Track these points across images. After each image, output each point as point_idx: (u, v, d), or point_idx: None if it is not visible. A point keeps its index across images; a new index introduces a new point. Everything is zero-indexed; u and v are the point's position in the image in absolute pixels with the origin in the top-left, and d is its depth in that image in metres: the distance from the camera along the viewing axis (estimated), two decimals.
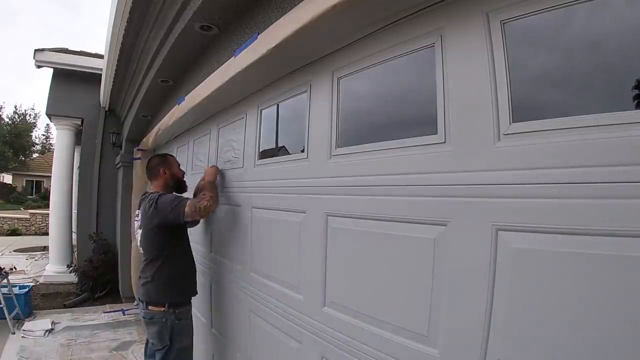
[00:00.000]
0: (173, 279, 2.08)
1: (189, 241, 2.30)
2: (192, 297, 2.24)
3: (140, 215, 2.14)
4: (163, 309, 2.02)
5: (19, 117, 29.27)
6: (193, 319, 2.29)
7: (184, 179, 2.39)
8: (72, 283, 5.48)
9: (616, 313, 0.71)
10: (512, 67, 0.92)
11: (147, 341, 2.32)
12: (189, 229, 2.34)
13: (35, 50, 5.31)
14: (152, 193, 2.14)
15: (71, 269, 5.44)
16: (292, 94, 1.80)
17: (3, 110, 33.25)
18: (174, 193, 2.19)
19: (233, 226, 2.28)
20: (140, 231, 2.13)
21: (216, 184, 2.23)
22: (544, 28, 0.89)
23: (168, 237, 2.07)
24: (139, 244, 2.19)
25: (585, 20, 0.83)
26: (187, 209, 1.93)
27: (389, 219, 1.20)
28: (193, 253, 2.37)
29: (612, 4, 0.80)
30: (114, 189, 5.67)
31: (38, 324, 3.98)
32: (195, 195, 2.15)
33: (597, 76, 0.83)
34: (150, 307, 2.05)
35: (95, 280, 5.19)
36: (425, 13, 1.12)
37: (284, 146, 1.99)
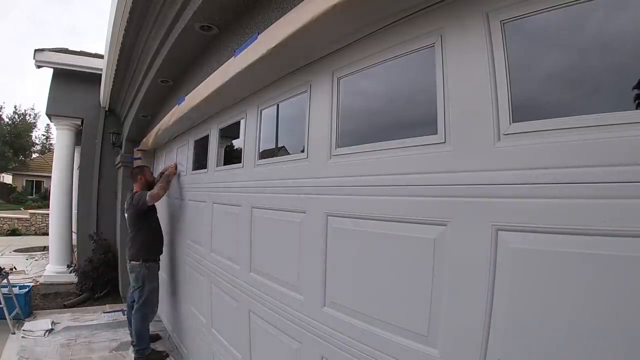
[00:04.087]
0: (144, 244, 3.29)
1: (157, 223, 3.53)
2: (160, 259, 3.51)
3: (126, 205, 3.47)
4: (138, 262, 3.23)
5: (18, 117, 29.25)
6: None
7: (154, 181, 3.53)
8: (72, 283, 5.47)
9: (616, 313, 0.71)
10: (512, 67, 0.92)
11: (128, 292, 3.45)
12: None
13: (35, 51, 5.30)
14: (133, 192, 3.42)
15: (71, 269, 5.43)
16: (292, 94, 1.80)
17: (3, 110, 33.21)
18: (145, 191, 3.34)
19: (233, 226, 2.28)
20: (126, 215, 3.46)
21: (170, 177, 3.44)
22: (545, 28, 0.89)
23: (140, 219, 3.32)
24: (127, 224, 3.46)
25: (586, 20, 0.83)
26: (147, 197, 3.20)
27: (389, 219, 1.20)
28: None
29: (612, 4, 0.80)
30: (114, 189, 5.67)
31: (38, 324, 3.97)
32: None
33: (599, 76, 0.83)
34: (132, 262, 3.26)
35: (95, 280, 5.18)
36: (425, 13, 1.12)
37: (284, 146, 2.00)
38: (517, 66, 0.92)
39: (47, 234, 7.39)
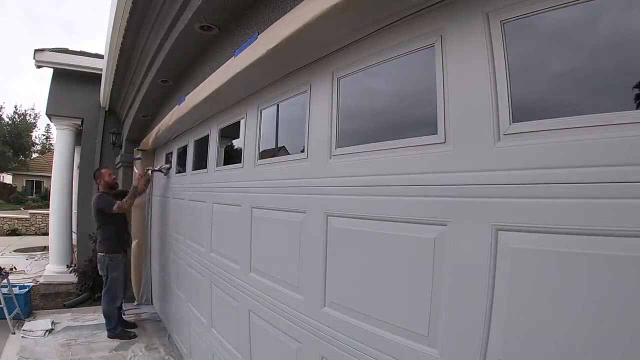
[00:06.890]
0: (107, 239, 3.79)
1: (118, 220, 3.88)
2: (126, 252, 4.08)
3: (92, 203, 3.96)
4: (103, 254, 3.76)
5: (19, 117, 29.23)
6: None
7: (113, 181, 4.06)
8: (72, 283, 5.46)
9: (616, 313, 0.71)
10: (512, 67, 0.92)
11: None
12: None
13: (36, 51, 5.30)
14: (99, 192, 3.89)
15: (71, 269, 5.42)
16: (292, 94, 1.80)
17: (3, 110, 33.17)
18: (110, 197, 3.82)
19: (233, 226, 2.28)
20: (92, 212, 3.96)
21: (138, 190, 3.91)
22: (545, 28, 0.89)
23: (103, 217, 3.77)
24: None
25: (586, 20, 0.83)
26: (115, 207, 3.68)
27: (389, 219, 1.20)
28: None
29: (613, 3, 0.80)
30: None
31: (38, 324, 3.97)
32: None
33: (600, 75, 0.83)
34: (98, 254, 3.82)
35: (95, 280, 5.16)
36: (425, 13, 1.12)
37: (284, 146, 2.00)
38: (517, 66, 0.92)
39: (47, 234, 7.38)
